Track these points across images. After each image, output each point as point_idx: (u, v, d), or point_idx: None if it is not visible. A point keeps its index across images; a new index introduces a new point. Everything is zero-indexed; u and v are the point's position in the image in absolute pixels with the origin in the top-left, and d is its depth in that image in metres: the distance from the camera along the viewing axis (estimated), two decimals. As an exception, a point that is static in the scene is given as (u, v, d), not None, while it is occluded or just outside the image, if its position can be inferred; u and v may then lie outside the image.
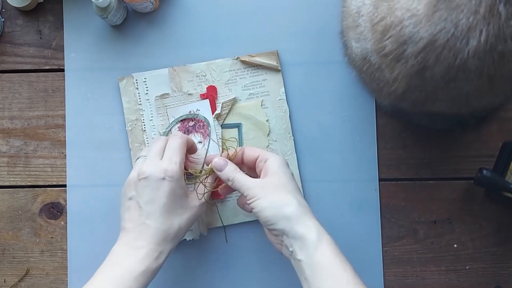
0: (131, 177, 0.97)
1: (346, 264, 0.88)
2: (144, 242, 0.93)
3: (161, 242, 0.93)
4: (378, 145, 1.10)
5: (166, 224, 0.94)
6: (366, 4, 0.81)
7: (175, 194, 0.95)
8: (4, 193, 1.11)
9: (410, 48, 0.76)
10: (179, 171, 0.96)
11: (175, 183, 0.94)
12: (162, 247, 0.94)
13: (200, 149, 1.09)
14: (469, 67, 0.74)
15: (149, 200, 0.94)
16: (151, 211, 0.94)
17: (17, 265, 1.11)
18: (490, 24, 0.71)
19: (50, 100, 1.12)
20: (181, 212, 0.96)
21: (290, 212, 0.90)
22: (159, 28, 1.12)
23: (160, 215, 0.94)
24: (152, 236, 0.93)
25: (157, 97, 1.10)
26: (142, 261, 0.91)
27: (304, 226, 0.89)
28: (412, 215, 1.10)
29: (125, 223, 0.95)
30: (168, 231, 0.94)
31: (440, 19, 0.72)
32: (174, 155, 0.97)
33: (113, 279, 0.90)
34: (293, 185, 0.95)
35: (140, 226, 0.94)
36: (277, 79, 1.10)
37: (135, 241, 0.93)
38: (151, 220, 0.93)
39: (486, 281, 1.09)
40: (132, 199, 0.95)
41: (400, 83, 0.80)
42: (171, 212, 0.95)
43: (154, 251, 0.93)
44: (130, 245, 0.93)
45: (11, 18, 1.13)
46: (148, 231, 0.93)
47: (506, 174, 1.03)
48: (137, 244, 0.93)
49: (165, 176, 0.94)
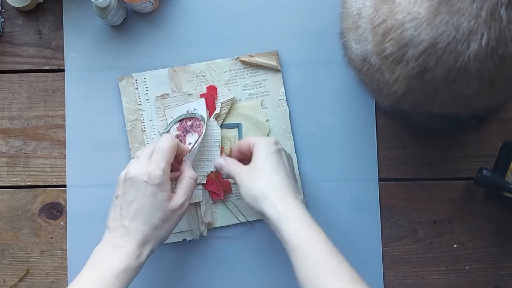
0: (120, 176, 0.97)
1: (314, 239, 0.89)
2: (124, 242, 0.93)
3: (140, 242, 0.94)
4: (378, 145, 1.10)
5: (145, 226, 0.94)
6: (367, 6, 0.81)
7: (156, 197, 0.94)
8: (4, 193, 1.11)
9: (411, 51, 0.76)
10: (163, 175, 0.95)
11: (157, 187, 0.94)
12: (142, 248, 0.94)
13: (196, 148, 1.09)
14: (469, 70, 0.74)
15: (131, 201, 0.94)
16: (130, 213, 0.94)
17: (17, 265, 1.11)
18: (491, 27, 0.71)
19: (50, 100, 1.12)
20: (161, 216, 0.95)
21: (257, 194, 0.94)
22: (159, 28, 1.12)
23: (139, 217, 0.94)
24: (132, 237, 0.93)
25: (157, 97, 1.09)
26: (123, 260, 0.91)
27: (268, 207, 0.92)
28: (412, 215, 1.10)
29: (109, 221, 0.96)
30: (147, 233, 0.94)
31: (441, 22, 0.72)
32: (161, 159, 0.96)
33: (95, 278, 0.90)
34: (271, 165, 0.96)
35: (121, 226, 0.94)
36: (277, 79, 1.10)
37: (116, 240, 0.94)
38: (132, 222, 0.94)
39: (486, 281, 1.09)
40: (117, 198, 0.96)
41: (401, 84, 0.80)
42: (151, 214, 0.94)
43: (134, 251, 0.93)
44: (112, 244, 0.94)
45: (11, 18, 1.13)
46: (129, 232, 0.93)
47: (506, 174, 1.03)
48: (118, 243, 0.93)
49: (148, 179, 0.94)
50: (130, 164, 0.98)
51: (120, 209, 0.95)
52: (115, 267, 0.91)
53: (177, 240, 1.09)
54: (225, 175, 1.08)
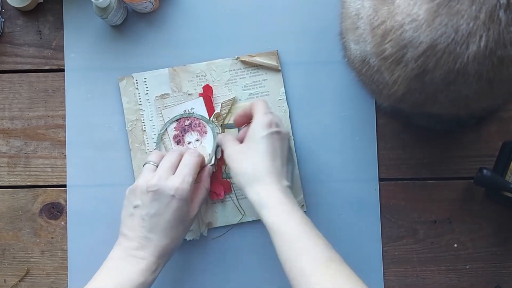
0: (139, 184, 0.97)
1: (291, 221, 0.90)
2: (145, 254, 0.93)
3: (160, 255, 0.94)
4: (378, 145, 1.10)
5: (167, 239, 0.95)
6: (366, 7, 0.81)
7: (181, 211, 0.96)
8: (4, 193, 1.11)
9: (410, 52, 0.76)
10: (190, 190, 0.96)
11: (184, 202, 0.95)
12: (161, 260, 0.95)
13: (198, 147, 1.09)
14: (468, 71, 0.74)
15: (154, 214, 0.94)
16: (155, 226, 0.94)
17: (17, 265, 1.11)
18: (490, 29, 0.71)
19: (50, 100, 1.12)
20: (182, 228, 0.97)
21: (242, 180, 0.95)
22: (159, 28, 1.12)
23: (163, 230, 0.94)
24: (153, 250, 0.94)
25: (157, 97, 1.10)
26: (142, 272, 0.92)
27: (252, 193, 0.94)
28: (412, 215, 1.10)
29: (126, 230, 0.96)
30: (168, 246, 0.95)
31: (440, 24, 0.72)
32: (188, 174, 0.97)
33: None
34: (258, 150, 0.96)
35: (142, 237, 0.94)
36: (277, 79, 1.10)
37: (136, 250, 0.94)
38: (153, 234, 0.94)
39: (486, 281, 1.09)
40: (137, 208, 0.96)
41: (400, 85, 0.80)
42: (174, 228, 0.95)
43: (153, 263, 0.93)
44: (130, 253, 0.94)
45: (11, 18, 1.13)
46: (150, 244, 0.94)
47: (506, 174, 1.03)
48: (138, 254, 0.93)
49: (175, 194, 0.94)
50: (149, 172, 0.98)
51: (142, 220, 0.95)
52: (134, 280, 0.91)
53: (177, 240, 1.09)
54: (225, 175, 1.09)
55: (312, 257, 0.87)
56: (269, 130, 0.97)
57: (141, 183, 0.97)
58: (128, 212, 0.97)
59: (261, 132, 0.97)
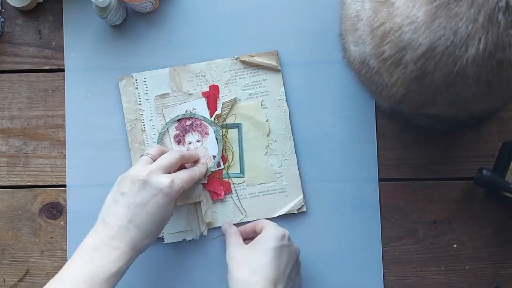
0: (131, 173, 0.96)
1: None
2: (120, 244, 0.92)
3: (135, 248, 0.93)
4: (378, 145, 1.10)
5: (145, 233, 0.93)
6: (366, 9, 0.81)
7: (165, 209, 0.95)
8: (3, 193, 1.11)
9: (409, 54, 0.76)
10: (178, 192, 0.96)
11: (169, 200, 0.94)
12: (134, 252, 0.93)
13: (199, 147, 1.09)
14: (467, 74, 0.74)
15: (139, 204, 0.93)
16: (136, 216, 0.93)
17: (17, 265, 1.11)
18: (489, 32, 0.71)
19: (50, 100, 1.12)
20: (159, 227, 0.96)
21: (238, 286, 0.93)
22: (159, 28, 1.12)
23: (143, 223, 0.93)
24: (129, 241, 0.92)
25: (157, 97, 1.09)
26: (115, 262, 0.90)
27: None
28: (412, 215, 1.10)
29: (107, 216, 0.94)
30: (144, 241, 0.94)
31: (439, 26, 0.72)
32: (182, 181, 0.97)
33: (85, 278, 0.88)
34: (266, 260, 0.94)
35: (121, 226, 0.92)
36: (277, 79, 1.10)
37: (111, 239, 0.92)
38: (133, 225, 0.93)
39: (486, 281, 1.09)
40: (123, 195, 0.94)
41: (399, 87, 0.80)
42: (154, 224, 0.94)
43: (127, 254, 0.92)
44: (105, 241, 0.92)
45: (11, 18, 1.13)
46: (127, 235, 0.92)
47: (506, 174, 1.03)
48: (113, 244, 0.92)
49: (163, 188, 0.94)
50: (144, 164, 0.98)
51: (126, 208, 0.93)
52: (107, 270, 0.89)
53: (177, 240, 1.09)
54: (225, 175, 1.09)
55: None
56: (280, 243, 0.96)
57: (133, 172, 0.96)
58: (113, 198, 0.95)
59: (273, 242, 0.96)
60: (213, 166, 1.08)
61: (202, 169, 1.05)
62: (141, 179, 0.94)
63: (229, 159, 1.09)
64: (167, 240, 1.09)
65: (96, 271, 0.89)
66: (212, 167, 1.09)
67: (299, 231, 1.08)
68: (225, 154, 1.09)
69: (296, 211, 1.09)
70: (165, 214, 0.95)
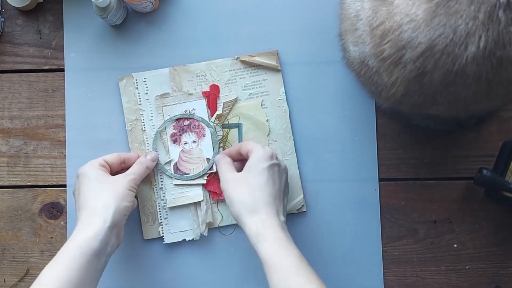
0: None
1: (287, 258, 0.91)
2: (96, 221, 0.96)
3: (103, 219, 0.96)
4: (378, 145, 1.10)
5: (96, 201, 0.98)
6: (365, 8, 0.81)
7: (94, 184, 0.99)
8: (4, 193, 1.11)
9: (409, 53, 0.76)
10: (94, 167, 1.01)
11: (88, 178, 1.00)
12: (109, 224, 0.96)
13: (194, 148, 1.09)
14: (467, 73, 0.74)
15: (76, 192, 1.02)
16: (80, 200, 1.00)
17: (17, 265, 1.11)
18: (489, 30, 0.70)
19: (50, 100, 1.12)
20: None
21: (239, 210, 0.96)
22: (159, 28, 1.12)
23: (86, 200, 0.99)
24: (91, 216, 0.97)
25: (157, 97, 1.09)
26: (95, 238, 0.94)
27: (248, 225, 0.94)
28: (412, 215, 1.10)
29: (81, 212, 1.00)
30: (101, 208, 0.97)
31: (439, 24, 0.72)
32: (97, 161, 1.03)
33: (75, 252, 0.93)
34: (259, 182, 0.97)
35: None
36: (277, 79, 1.10)
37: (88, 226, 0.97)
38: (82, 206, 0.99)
39: (486, 281, 1.09)
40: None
41: (399, 87, 0.80)
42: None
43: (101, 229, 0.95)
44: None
45: (11, 18, 1.13)
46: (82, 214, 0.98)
47: (506, 174, 1.03)
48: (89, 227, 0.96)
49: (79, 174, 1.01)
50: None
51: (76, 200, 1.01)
52: (89, 244, 0.94)
53: (177, 240, 1.09)
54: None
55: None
56: (271, 162, 0.98)
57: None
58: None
59: (263, 163, 0.97)
60: (206, 169, 1.09)
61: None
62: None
63: (229, 159, 1.09)
64: (167, 240, 1.09)
65: (79, 245, 0.92)
66: (206, 169, 1.09)
67: (299, 231, 1.08)
68: (225, 155, 1.10)
69: (296, 211, 1.09)
70: (100, 183, 0.99)
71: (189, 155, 1.09)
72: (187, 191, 1.09)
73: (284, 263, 0.90)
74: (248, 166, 0.99)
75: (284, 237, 0.92)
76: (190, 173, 1.09)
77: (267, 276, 0.90)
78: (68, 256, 0.91)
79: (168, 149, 1.09)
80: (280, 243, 0.92)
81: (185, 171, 1.09)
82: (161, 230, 1.09)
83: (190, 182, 1.09)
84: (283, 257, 0.91)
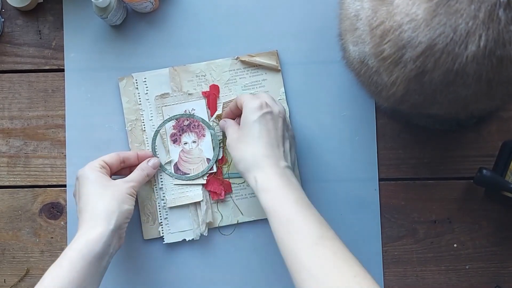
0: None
1: (287, 202, 0.92)
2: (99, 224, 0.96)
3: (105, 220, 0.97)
4: (378, 145, 1.10)
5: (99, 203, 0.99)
6: (365, 8, 0.81)
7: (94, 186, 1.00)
8: (4, 193, 1.12)
9: (409, 53, 0.76)
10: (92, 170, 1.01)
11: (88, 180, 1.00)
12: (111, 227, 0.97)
13: (193, 148, 1.09)
14: (467, 72, 0.74)
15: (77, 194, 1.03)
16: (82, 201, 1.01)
17: (17, 265, 1.11)
18: (489, 29, 0.70)
19: (50, 100, 1.12)
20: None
21: (241, 167, 0.97)
22: (159, 28, 1.12)
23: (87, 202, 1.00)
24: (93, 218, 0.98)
25: (157, 97, 1.09)
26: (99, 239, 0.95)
27: (250, 178, 0.96)
28: (412, 214, 1.10)
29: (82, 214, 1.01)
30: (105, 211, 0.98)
31: (439, 24, 0.72)
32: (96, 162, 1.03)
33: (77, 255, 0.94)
34: (253, 135, 0.97)
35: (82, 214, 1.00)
36: (277, 79, 1.10)
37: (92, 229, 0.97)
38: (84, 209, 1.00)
39: (486, 280, 1.09)
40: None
41: (399, 87, 0.80)
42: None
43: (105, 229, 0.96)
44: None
45: (11, 18, 1.13)
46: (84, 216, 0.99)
47: (506, 174, 1.03)
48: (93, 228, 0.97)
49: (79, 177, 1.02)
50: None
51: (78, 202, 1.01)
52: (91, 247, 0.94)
53: (177, 240, 1.09)
54: (226, 175, 1.09)
55: (304, 235, 0.88)
56: (260, 112, 0.97)
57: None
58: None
59: (252, 116, 0.98)
60: (206, 169, 1.09)
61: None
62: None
63: (229, 159, 1.09)
64: (167, 240, 1.09)
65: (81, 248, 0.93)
66: (206, 169, 1.09)
67: (299, 231, 1.08)
68: (225, 155, 1.09)
69: (296, 211, 1.09)
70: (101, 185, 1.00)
71: (189, 155, 1.09)
72: (187, 191, 1.09)
73: (282, 210, 0.91)
74: (242, 122, 1.00)
75: (282, 184, 0.93)
76: (190, 173, 1.09)
77: (270, 225, 0.91)
78: (71, 258, 0.92)
79: (168, 149, 1.09)
80: (279, 190, 0.93)
81: (186, 171, 1.09)
82: (161, 230, 1.09)
83: (190, 182, 1.09)
84: (281, 204, 0.92)
